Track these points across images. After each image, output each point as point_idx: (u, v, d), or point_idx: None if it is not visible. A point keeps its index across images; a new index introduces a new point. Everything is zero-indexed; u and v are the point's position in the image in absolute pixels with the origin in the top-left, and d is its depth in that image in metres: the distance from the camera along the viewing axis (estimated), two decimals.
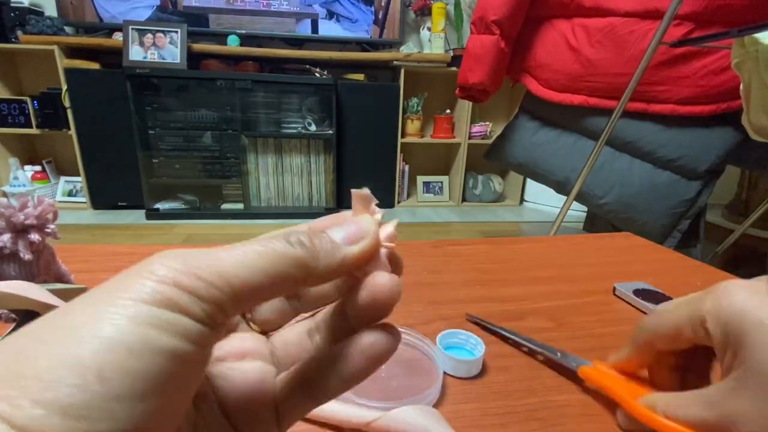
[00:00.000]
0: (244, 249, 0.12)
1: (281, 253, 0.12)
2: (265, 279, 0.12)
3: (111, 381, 0.09)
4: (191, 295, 0.11)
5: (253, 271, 0.12)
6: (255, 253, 0.12)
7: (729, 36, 0.85)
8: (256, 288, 0.12)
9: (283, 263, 0.12)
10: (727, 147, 1.17)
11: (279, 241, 0.12)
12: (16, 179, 2.19)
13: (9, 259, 0.35)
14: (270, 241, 0.12)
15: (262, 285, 0.12)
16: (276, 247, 0.12)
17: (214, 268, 0.11)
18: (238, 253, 0.12)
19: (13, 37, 2.02)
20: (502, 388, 0.32)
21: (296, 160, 2.29)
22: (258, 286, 0.12)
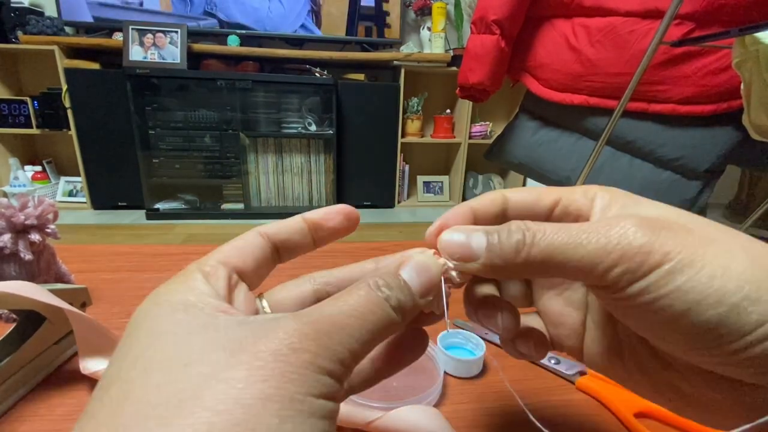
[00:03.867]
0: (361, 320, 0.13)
1: (386, 321, 0.14)
2: (370, 346, 0.14)
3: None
4: (337, 382, 0.12)
5: (366, 342, 0.13)
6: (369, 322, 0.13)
7: (729, 35, 0.85)
8: (363, 355, 0.14)
9: (385, 329, 0.14)
10: (727, 147, 1.17)
11: (383, 305, 0.14)
12: (17, 179, 2.19)
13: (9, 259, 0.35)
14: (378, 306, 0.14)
15: (368, 351, 0.14)
16: (383, 316, 0.14)
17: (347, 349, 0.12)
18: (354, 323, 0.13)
19: (13, 37, 2.02)
20: (502, 388, 0.32)
21: (296, 160, 2.29)
22: (364, 354, 0.14)
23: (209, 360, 0.11)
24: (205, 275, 0.14)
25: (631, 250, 0.13)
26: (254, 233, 0.16)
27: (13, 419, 0.27)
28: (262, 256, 0.16)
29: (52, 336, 0.31)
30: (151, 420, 0.10)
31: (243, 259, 0.15)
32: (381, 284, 0.14)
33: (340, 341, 0.12)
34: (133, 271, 0.49)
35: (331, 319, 0.13)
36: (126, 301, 0.42)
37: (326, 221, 0.18)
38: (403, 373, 0.33)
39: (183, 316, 0.12)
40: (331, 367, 0.12)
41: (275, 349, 0.11)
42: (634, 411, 0.29)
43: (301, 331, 0.12)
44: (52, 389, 0.30)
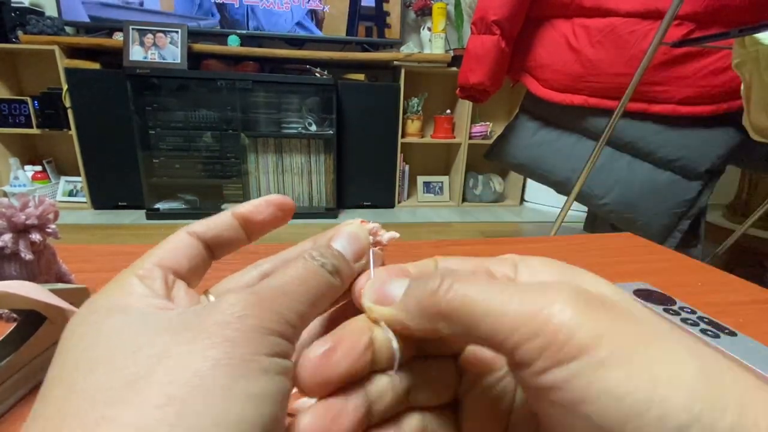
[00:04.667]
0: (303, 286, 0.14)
1: (326, 286, 0.15)
2: (315, 310, 0.14)
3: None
4: (286, 341, 0.13)
5: (310, 306, 0.14)
6: (311, 288, 0.14)
7: (729, 36, 0.85)
8: (310, 319, 0.14)
9: (327, 294, 0.15)
10: (727, 147, 1.17)
11: (321, 272, 0.15)
12: (17, 179, 2.19)
13: (10, 259, 0.35)
14: (317, 273, 0.15)
15: (313, 315, 0.14)
16: (323, 281, 0.15)
17: (293, 312, 0.13)
18: (297, 288, 0.14)
19: (13, 37, 2.02)
20: None
21: (296, 160, 2.30)
22: (311, 317, 0.14)
23: (155, 343, 0.11)
24: (140, 278, 0.14)
25: (556, 321, 0.11)
26: (183, 233, 0.16)
27: (13, 419, 0.27)
28: (194, 255, 0.16)
29: (53, 336, 0.31)
30: (100, 403, 0.10)
31: (176, 260, 0.15)
32: (315, 255, 0.15)
33: (285, 305, 0.13)
34: None
35: (273, 289, 0.13)
36: None
37: (255, 215, 0.17)
38: None
39: (122, 316, 0.12)
40: (278, 328, 0.12)
41: (221, 320, 0.11)
42: None
43: (246, 300, 0.12)
44: None
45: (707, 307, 0.43)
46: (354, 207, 2.48)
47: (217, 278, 0.18)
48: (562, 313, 0.11)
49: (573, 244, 0.64)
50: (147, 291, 0.13)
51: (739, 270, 0.54)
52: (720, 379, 0.10)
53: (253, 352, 0.11)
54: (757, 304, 0.46)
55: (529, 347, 0.11)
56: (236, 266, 0.18)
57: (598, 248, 0.63)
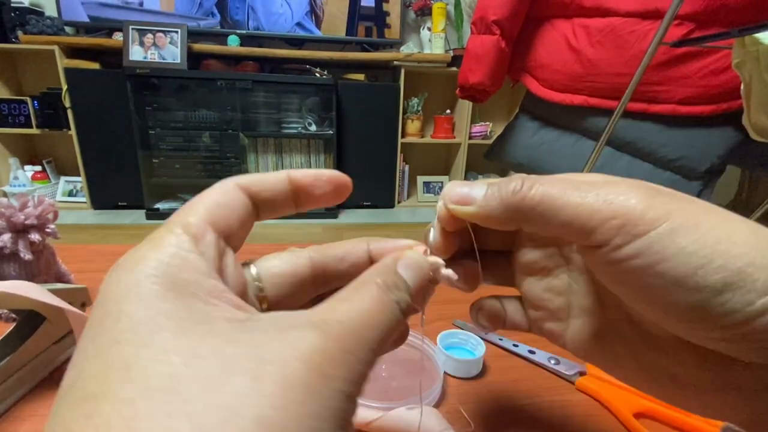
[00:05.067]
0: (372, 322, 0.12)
1: (394, 325, 0.12)
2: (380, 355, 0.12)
3: None
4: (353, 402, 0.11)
5: (378, 352, 0.12)
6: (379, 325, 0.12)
7: (729, 36, 0.85)
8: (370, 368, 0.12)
9: (392, 334, 0.12)
10: (727, 147, 1.17)
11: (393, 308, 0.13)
12: (17, 179, 2.19)
13: (9, 258, 0.35)
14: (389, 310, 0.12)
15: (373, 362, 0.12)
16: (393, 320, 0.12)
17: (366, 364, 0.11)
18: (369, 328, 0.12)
19: (13, 37, 2.02)
20: (502, 388, 0.32)
21: (296, 160, 2.29)
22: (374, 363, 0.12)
23: (233, 387, 0.09)
24: (193, 239, 0.12)
25: (631, 204, 0.13)
26: (234, 186, 0.14)
27: (13, 419, 0.27)
28: (245, 215, 0.14)
29: (52, 336, 0.31)
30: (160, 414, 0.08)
31: (228, 223, 0.13)
32: (390, 284, 0.13)
33: (361, 358, 0.11)
34: None
35: (353, 331, 0.11)
36: None
37: (314, 188, 0.16)
38: (403, 374, 0.33)
39: (172, 305, 0.10)
40: (354, 390, 0.10)
41: (305, 378, 0.09)
42: (633, 411, 0.29)
43: (330, 352, 0.10)
44: (51, 389, 0.30)
45: None
46: (354, 207, 2.48)
47: None
48: (634, 198, 0.13)
49: None
50: (201, 262, 0.11)
51: None
52: (766, 235, 0.13)
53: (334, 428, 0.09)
54: None
55: (608, 227, 0.13)
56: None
57: None
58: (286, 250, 0.17)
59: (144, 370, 0.09)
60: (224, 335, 0.10)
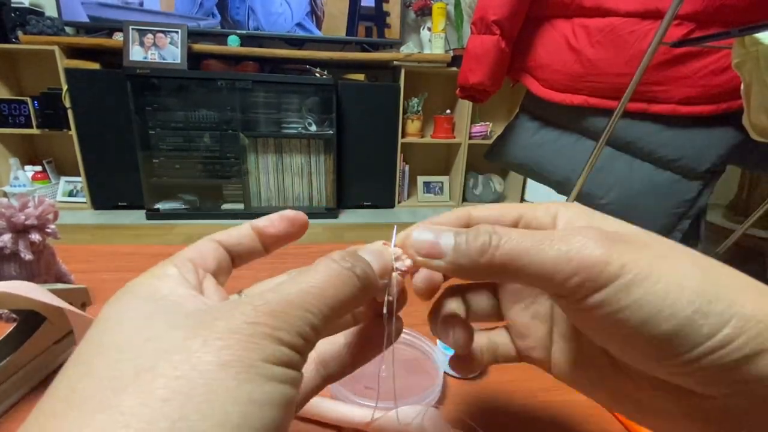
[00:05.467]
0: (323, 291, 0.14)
1: (350, 289, 0.14)
2: (335, 317, 0.14)
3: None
4: (296, 353, 0.13)
5: (329, 311, 0.14)
6: (332, 292, 0.14)
7: (729, 36, 0.85)
8: (328, 329, 0.14)
9: (349, 298, 0.14)
10: (727, 147, 1.17)
11: (347, 274, 0.15)
12: (17, 179, 2.19)
13: (10, 259, 0.35)
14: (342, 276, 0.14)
15: (332, 325, 0.14)
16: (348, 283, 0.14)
17: (306, 323, 0.13)
18: (316, 295, 0.14)
19: (13, 38, 2.02)
20: (502, 388, 0.32)
21: (296, 160, 2.30)
22: (329, 328, 0.14)
23: (168, 337, 0.11)
24: (176, 267, 0.15)
25: (590, 260, 0.14)
26: (207, 240, 0.17)
27: (13, 419, 0.27)
28: (219, 257, 0.17)
29: (52, 336, 0.31)
30: (107, 390, 0.10)
31: (204, 260, 0.16)
32: (345, 256, 0.15)
33: (299, 316, 0.13)
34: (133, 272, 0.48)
35: (288, 298, 0.13)
36: None
37: (269, 228, 0.18)
38: (403, 374, 0.33)
39: (148, 304, 0.13)
40: (289, 339, 0.12)
41: (233, 326, 0.12)
42: None
43: (258, 309, 0.12)
44: None
45: None
46: (354, 207, 2.48)
47: (250, 279, 0.18)
48: (595, 251, 0.14)
49: None
50: (181, 278, 0.14)
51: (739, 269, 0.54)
52: (716, 279, 0.14)
53: (260, 359, 0.11)
54: None
55: (571, 283, 0.14)
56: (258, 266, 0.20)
57: None
58: (285, 273, 0.18)
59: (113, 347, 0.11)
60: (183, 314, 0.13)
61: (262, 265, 0.18)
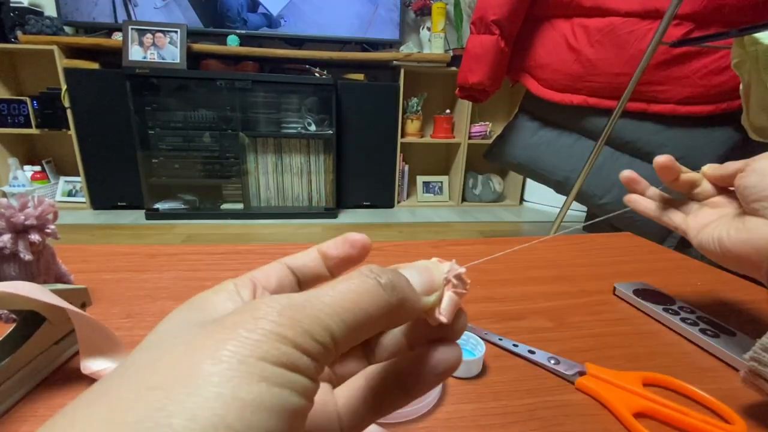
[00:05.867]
0: (345, 299, 0.12)
1: (377, 301, 0.13)
2: (360, 328, 0.13)
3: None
4: (306, 356, 0.11)
5: (353, 322, 0.12)
6: (356, 302, 0.13)
7: (729, 36, 0.85)
8: (352, 338, 0.12)
9: (379, 311, 0.13)
10: (726, 147, 1.17)
11: (373, 285, 0.13)
12: (16, 179, 2.19)
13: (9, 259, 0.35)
14: (368, 287, 0.13)
15: (357, 334, 0.13)
16: (374, 295, 0.13)
17: (322, 326, 0.12)
18: (340, 302, 0.12)
19: (12, 37, 2.02)
20: (502, 388, 0.32)
21: (296, 160, 2.29)
22: (353, 336, 0.12)
23: (186, 334, 0.12)
24: (234, 284, 0.15)
25: None
26: (275, 262, 0.17)
27: (13, 419, 0.27)
28: (283, 276, 0.17)
29: (52, 336, 0.31)
30: (107, 395, 0.10)
31: (267, 279, 0.16)
32: (373, 269, 0.14)
33: (315, 317, 0.12)
34: (132, 271, 0.49)
35: (311, 298, 0.12)
36: (125, 301, 0.42)
37: (332, 250, 0.18)
38: None
39: (193, 312, 0.13)
40: (296, 338, 0.11)
41: (238, 320, 0.11)
42: (633, 411, 0.29)
43: (268, 305, 0.11)
44: (52, 389, 0.30)
45: (707, 307, 0.43)
46: (354, 207, 2.48)
47: None
48: None
49: (573, 244, 0.64)
50: (234, 293, 0.14)
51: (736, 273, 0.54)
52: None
53: (256, 357, 0.10)
54: (756, 304, 0.46)
55: None
56: None
57: (598, 248, 0.63)
58: None
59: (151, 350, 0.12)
60: (210, 318, 0.12)
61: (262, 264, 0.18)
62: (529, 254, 0.60)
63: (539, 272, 0.53)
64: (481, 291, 0.48)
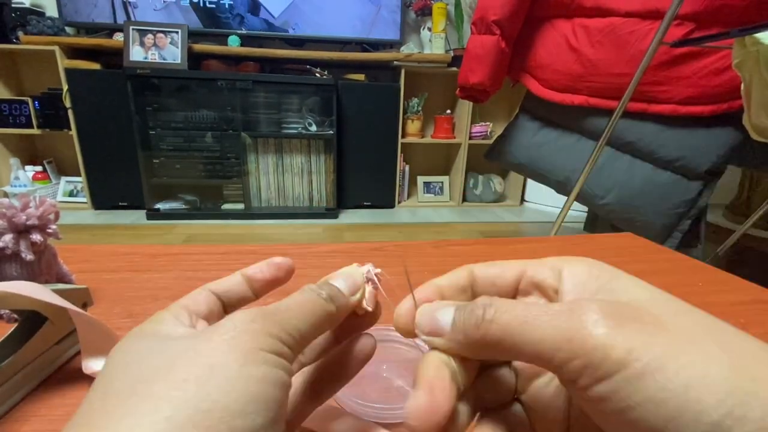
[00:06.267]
0: (301, 308, 0.17)
1: (322, 310, 0.17)
2: (313, 330, 0.17)
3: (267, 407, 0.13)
4: (285, 346, 0.15)
5: (309, 325, 0.16)
6: (309, 311, 0.17)
7: (730, 36, 0.85)
8: (309, 337, 0.17)
9: (323, 317, 0.17)
10: (727, 147, 1.17)
11: (317, 299, 0.17)
12: (17, 179, 2.19)
13: (11, 259, 0.35)
14: (314, 300, 0.17)
15: (312, 334, 0.17)
16: (319, 306, 0.17)
17: (291, 326, 0.16)
18: (296, 310, 0.16)
19: (14, 38, 2.03)
20: None
21: (297, 160, 2.30)
22: (310, 336, 0.17)
23: (178, 345, 0.14)
24: (172, 314, 0.17)
25: (591, 341, 0.12)
26: (202, 290, 0.19)
27: (14, 419, 0.27)
28: (211, 303, 0.19)
29: (54, 336, 0.31)
30: (137, 384, 0.13)
31: (198, 306, 0.18)
32: (312, 287, 0.18)
33: (285, 319, 0.16)
34: (133, 271, 0.49)
35: (276, 307, 0.16)
36: (127, 301, 0.42)
37: (257, 274, 0.20)
38: (405, 373, 0.33)
39: (152, 337, 0.15)
40: (278, 333, 0.15)
41: (230, 325, 0.14)
42: None
43: (250, 314, 0.15)
44: (53, 389, 0.30)
45: (707, 307, 0.43)
46: (354, 207, 2.48)
47: None
48: (595, 333, 0.12)
49: (573, 244, 0.64)
50: (176, 321, 0.16)
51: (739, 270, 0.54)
52: (751, 372, 0.11)
53: (255, 347, 0.14)
54: (757, 304, 0.46)
55: (571, 367, 0.12)
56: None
57: (598, 248, 0.63)
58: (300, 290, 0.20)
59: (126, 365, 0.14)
60: (188, 334, 0.15)
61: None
62: (530, 255, 0.59)
63: None
64: None
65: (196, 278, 0.46)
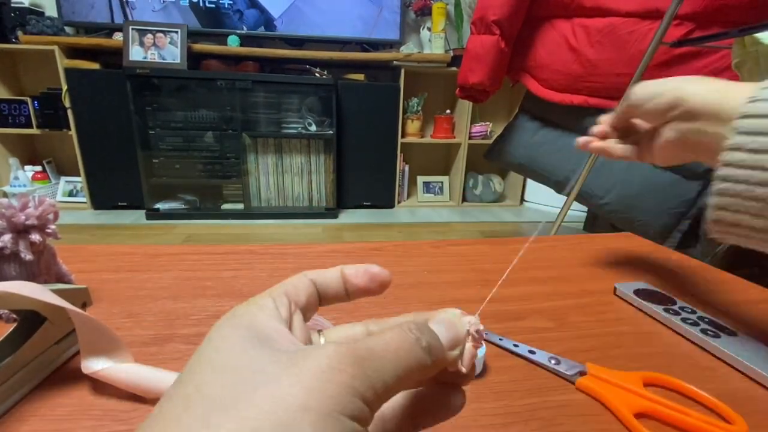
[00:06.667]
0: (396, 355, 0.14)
1: (416, 361, 0.15)
2: (400, 384, 0.14)
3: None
4: (367, 407, 0.13)
5: (397, 379, 0.14)
6: (403, 360, 0.14)
7: (729, 36, 0.85)
8: (394, 393, 0.14)
9: (415, 370, 0.15)
10: None
11: (415, 346, 0.15)
12: (17, 179, 2.19)
13: (10, 259, 0.35)
14: (411, 348, 0.15)
15: (397, 389, 0.14)
16: (414, 356, 0.15)
17: (380, 381, 0.14)
18: (389, 356, 0.14)
19: (13, 38, 2.03)
20: (502, 388, 0.32)
21: (296, 160, 2.30)
22: (394, 391, 0.14)
23: (268, 370, 0.13)
24: (273, 300, 0.16)
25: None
26: (303, 277, 0.18)
27: (13, 419, 0.27)
28: (310, 294, 0.18)
29: (53, 336, 0.31)
30: (212, 410, 0.12)
31: (297, 295, 0.18)
32: (413, 328, 0.15)
33: (374, 368, 0.13)
34: (133, 271, 0.49)
35: (367, 347, 0.14)
36: (126, 301, 0.42)
37: (353, 277, 0.19)
38: None
39: (250, 332, 0.15)
40: (364, 391, 0.13)
41: (319, 366, 0.13)
42: (634, 411, 0.29)
43: (341, 353, 0.13)
44: (52, 389, 0.30)
45: (707, 307, 0.43)
46: (354, 207, 2.48)
47: None
48: None
49: (573, 244, 0.64)
50: (275, 311, 0.16)
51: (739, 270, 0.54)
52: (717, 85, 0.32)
53: (338, 411, 0.12)
54: (757, 304, 0.46)
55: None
56: None
57: (598, 248, 0.63)
58: (361, 322, 0.19)
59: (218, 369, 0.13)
60: (280, 350, 0.14)
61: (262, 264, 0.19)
62: (530, 254, 0.60)
63: (540, 272, 0.53)
64: (482, 291, 0.48)
65: (195, 278, 0.46)
